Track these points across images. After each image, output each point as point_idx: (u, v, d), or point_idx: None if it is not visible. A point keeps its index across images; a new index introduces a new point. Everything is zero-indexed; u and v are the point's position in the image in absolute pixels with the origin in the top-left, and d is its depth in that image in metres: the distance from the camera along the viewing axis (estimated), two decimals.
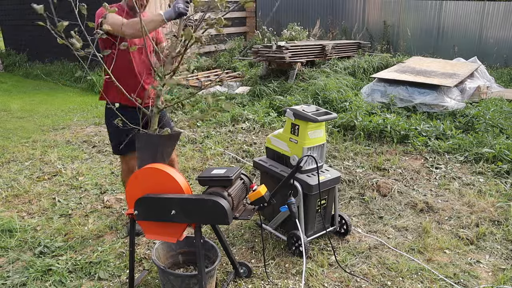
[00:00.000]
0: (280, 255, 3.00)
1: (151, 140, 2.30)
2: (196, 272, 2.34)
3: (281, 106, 6.45)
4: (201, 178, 2.29)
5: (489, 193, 3.88)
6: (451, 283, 2.69)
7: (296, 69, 7.93)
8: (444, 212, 3.60)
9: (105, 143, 5.38)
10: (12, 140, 5.51)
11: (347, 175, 4.28)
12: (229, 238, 3.24)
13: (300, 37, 10.03)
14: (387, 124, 5.33)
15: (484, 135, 5.00)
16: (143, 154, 2.32)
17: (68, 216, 3.55)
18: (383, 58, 8.58)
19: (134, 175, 2.27)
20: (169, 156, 2.42)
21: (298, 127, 2.94)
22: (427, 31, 11.03)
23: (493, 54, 10.11)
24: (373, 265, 2.90)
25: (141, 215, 2.23)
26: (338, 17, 12.23)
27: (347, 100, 6.32)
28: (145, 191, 2.23)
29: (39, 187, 4.11)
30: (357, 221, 3.51)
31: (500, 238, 3.22)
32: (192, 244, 2.60)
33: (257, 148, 5.10)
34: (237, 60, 10.33)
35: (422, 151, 4.88)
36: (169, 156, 2.42)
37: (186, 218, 2.18)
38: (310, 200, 2.94)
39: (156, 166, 2.24)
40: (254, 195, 2.36)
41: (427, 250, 3.05)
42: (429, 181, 4.21)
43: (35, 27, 11.64)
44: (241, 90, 8.03)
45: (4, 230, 3.24)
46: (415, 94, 6.38)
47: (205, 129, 5.88)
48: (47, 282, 2.68)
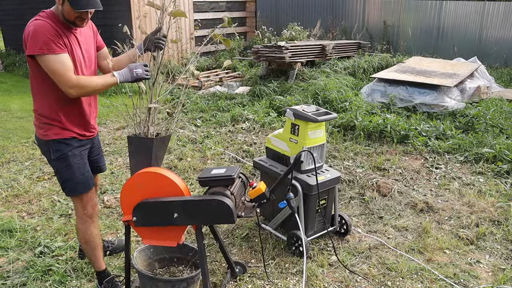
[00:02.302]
0: (280, 255, 3.00)
1: (145, 144, 2.27)
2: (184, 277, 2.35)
3: (281, 106, 6.45)
4: (201, 178, 2.28)
5: (489, 193, 3.88)
6: (451, 283, 2.69)
7: (296, 69, 7.93)
8: (444, 212, 3.60)
9: (105, 143, 5.38)
10: (12, 140, 5.51)
11: (347, 175, 4.28)
12: (229, 238, 3.24)
13: (300, 37, 10.03)
14: (387, 124, 5.33)
15: (484, 135, 5.00)
16: (137, 159, 2.28)
17: (68, 216, 3.55)
18: (383, 58, 8.59)
19: (129, 182, 2.22)
20: (162, 159, 2.39)
21: (298, 127, 2.94)
22: (427, 31, 11.03)
23: (493, 54, 10.11)
24: (373, 265, 2.90)
25: (141, 221, 2.21)
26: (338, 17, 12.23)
27: (347, 100, 6.32)
28: (142, 197, 2.19)
29: (39, 187, 4.11)
30: (357, 221, 3.51)
31: (500, 238, 3.22)
32: (168, 250, 2.58)
33: (257, 148, 5.10)
34: (237, 60, 10.33)
35: (422, 151, 4.88)
36: (162, 159, 2.39)
37: (189, 220, 2.17)
38: (310, 200, 2.94)
39: (153, 170, 2.21)
40: (254, 192, 2.37)
41: (427, 250, 3.05)
42: (429, 181, 4.21)
43: None
44: (241, 90, 8.03)
45: (4, 230, 3.24)
46: (415, 94, 6.38)
47: (205, 129, 5.88)
48: (47, 282, 2.68)
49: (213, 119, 6.28)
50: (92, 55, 2.46)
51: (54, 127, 2.33)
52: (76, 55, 2.30)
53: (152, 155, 2.25)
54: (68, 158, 2.36)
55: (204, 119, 6.33)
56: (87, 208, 2.49)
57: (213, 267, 2.85)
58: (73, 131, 2.37)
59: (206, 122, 6.21)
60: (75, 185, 2.42)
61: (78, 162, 2.40)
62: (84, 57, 2.37)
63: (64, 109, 2.33)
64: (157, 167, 2.27)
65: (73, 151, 2.38)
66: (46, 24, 2.19)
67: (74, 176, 2.40)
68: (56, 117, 2.32)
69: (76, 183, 2.41)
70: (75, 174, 2.40)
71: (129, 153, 2.31)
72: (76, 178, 2.40)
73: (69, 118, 2.35)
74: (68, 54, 2.22)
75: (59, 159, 2.36)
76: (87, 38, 2.42)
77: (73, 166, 2.39)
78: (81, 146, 2.43)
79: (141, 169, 2.24)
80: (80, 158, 2.42)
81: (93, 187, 2.53)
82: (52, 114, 2.32)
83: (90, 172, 2.50)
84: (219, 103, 6.96)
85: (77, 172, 2.40)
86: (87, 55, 2.40)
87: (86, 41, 2.41)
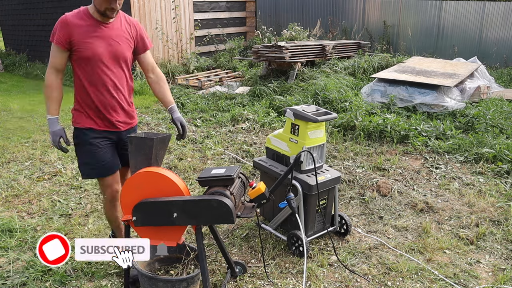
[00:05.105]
0: (280, 255, 3.00)
1: (145, 144, 2.28)
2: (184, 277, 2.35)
3: (281, 106, 6.45)
4: (201, 178, 2.28)
5: (489, 193, 3.88)
6: (451, 283, 2.69)
7: (296, 69, 7.93)
8: (444, 212, 3.60)
9: None
10: (12, 140, 5.51)
11: (347, 175, 4.28)
12: (229, 238, 3.24)
13: (300, 37, 10.04)
14: (387, 124, 5.33)
15: (484, 135, 5.00)
16: (137, 159, 2.29)
17: (68, 216, 3.55)
18: (383, 58, 8.59)
19: (128, 181, 2.23)
20: (162, 159, 2.40)
21: (298, 127, 2.94)
22: (427, 31, 11.04)
23: (493, 54, 10.11)
24: (373, 265, 2.90)
25: (140, 220, 2.21)
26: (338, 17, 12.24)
27: (347, 100, 6.32)
28: (142, 196, 2.19)
29: (39, 187, 4.11)
30: (357, 221, 3.51)
31: (500, 238, 3.22)
32: (168, 250, 2.56)
33: (257, 148, 5.10)
34: (237, 60, 10.34)
35: (422, 151, 4.88)
36: (162, 159, 2.40)
37: (189, 220, 2.17)
38: (310, 200, 2.94)
39: (152, 169, 2.21)
40: (254, 192, 2.36)
41: (427, 250, 3.05)
42: (429, 181, 4.21)
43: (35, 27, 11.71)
44: (241, 90, 8.03)
45: (4, 230, 3.24)
46: (415, 94, 6.38)
47: (205, 129, 5.88)
48: (47, 282, 2.68)
49: (213, 119, 6.28)
50: (121, 52, 2.53)
51: (77, 115, 2.57)
52: (94, 49, 2.43)
53: (152, 155, 2.25)
54: (84, 145, 2.55)
55: (204, 119, 6.33)
56: (106, 193, 2.68)
57: (213, 267, 2.85)
58: (90, 122, 2.55)
59: (206, 122, 6.21)
60: (88, 170, 2.59)
61: (94, 150, 2.54)
62: (108, 51, 2.47)
63: (84, 102, 2.53)
64: (157, 167, 2.27)
65: (90, 140, 2.53)
66: (63, 16, 2.41)
67: (87, 161, 2.57)
68: (78, 107, 2.57)
69: (90, 168, 2.58)
70: (89, 160, 2.56)
71: (129, 153, 2.31)
72: (89, 164, 2.57)
73: (87, 110, 2.54)
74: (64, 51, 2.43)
75: (76, 145, 2.59)
76: (117, 35, 2.51)
77: (87, 153, 2.55)
78: (99, 136, 2.56)
79: (141, 169, 2.24)
80: (96, 147, 2.55)
81: (113, 176, 2.64)
82: (76, 104, 2.58)
83: (111, 162, 2.60)
84: (219, 103, 6.96)
85: (92, 159, 2.55)
86: (112, 50, 2.48)
87: (115, 37, 2.50)
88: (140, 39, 2.63)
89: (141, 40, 2.63)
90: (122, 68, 2.57)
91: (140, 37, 2.63)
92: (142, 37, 2.64)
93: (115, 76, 2.53)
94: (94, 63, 2.45)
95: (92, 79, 2.49)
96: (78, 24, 2.40)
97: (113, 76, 2.53)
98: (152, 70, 2.70)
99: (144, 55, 2.67)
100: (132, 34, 2.59)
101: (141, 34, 2.63)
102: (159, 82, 2.70)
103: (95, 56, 2.44)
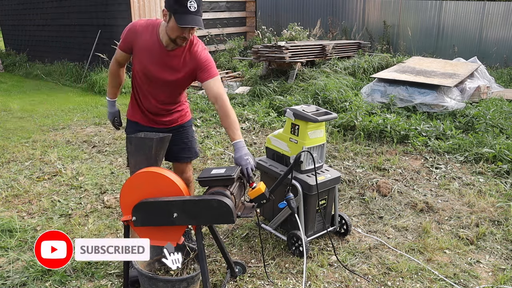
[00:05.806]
0: (280, 255, 3.00)
1: (145, 144, 2.27)
2: (184, 277, 2.34)
3: (281, 106, 6.45)
4: (201, 178, 2.28)
5: (489, 193, 3.88)
6: (451, 283, 2.69)
7: (296, 69, 7.93)
8: (444, 212, 3.60)
9: (105, 143, 5.38)
10: (12, 140, 5.51)
11: (347, 175, 4.28)
12: (229, 238, 3.24)
13: (300, 37, 10.04)
14: (387, 124, 5.33)
15: (484, 135, 5.00)
16: (137, 159, 2.29)
17: (68, 216, 3.55)
18: (383, 58, 8.59)
19: (128, 181, 2.22)
20: (162, 160, 2.40)
21: (298, 127, 2.94)
22: (427, 31, 11.04)
23: (493, 54, 10.11)
24: (373, 265, 2.90)
25: (140, 220, 2.21)
26: (338, 17, 12.25)
27: (347, 100, 6.32)
28: (142, 196, 2.19)
29: (39, 187, 4.11)
30: (357, 221, 3.51)
31: (500, 238, 3.22)
32: None
33: (257, 148, 5.10)
34: (237, 60, 10.34)
35: (422, 151, 4.88)
36: (162, 159, 2.40)
37: (189, 220, 2.17)
38: (310, 200, 2.94)
39: (152, 169, 2.21)
40: (254, 192, 2.36)
41: (427, 250, 3.06)
42: (429, 181, 4.21)
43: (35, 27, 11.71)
44: (241, 90, 8.03)
45: (4, 230, 3.23)
46: (415, 94, 6.38)
47: (205, 129, 5.88)
48: (47, 282, 2.68)
49: (213, 119, 6.28)
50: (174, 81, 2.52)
51: (128, 108, 2.75)
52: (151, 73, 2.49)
53: (152, 155, 2.25)
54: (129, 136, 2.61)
55: (204, 119, 6.33)
56: None
57: (213, 267, 2.85)
58: (135, 116, 2.72)
59: (206, 122, 6.21)
60: None
61: None
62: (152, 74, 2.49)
63: (135, 98, 2.69)
64: (157, 167, 2.27)
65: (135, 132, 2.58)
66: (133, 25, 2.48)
67: None
68: (131, 101, 2.74)
69: None
70: None
71: (129, 153, 2.31)
72: None
73: (136, 107, 2.70)
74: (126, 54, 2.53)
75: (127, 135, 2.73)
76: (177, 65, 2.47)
77: None
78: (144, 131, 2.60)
79: (141, 169, 2.24)
80: None
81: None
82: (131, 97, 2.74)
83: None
84: None
85: None
86: (158, 76, 2.49)
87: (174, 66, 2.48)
88: (199, 70, 2.46)
89: (201, 72, 2.46)
90: (176, 90, 2.63)
91: (200, 68, 2.46)
92: (202, 68, 2.45)
93: (166, 95, 2.62)
94: (148, 82, 2.54)
95: (143, 89, 2.60)
96: (144, 39, 2.42)
97: (164, 96, 2.60)
98: (215, 101, 2.43)
99: (205, 84, 2.46)
100: (191, 66, 2.47)
101: (201, 65, 2.45)
102: (222, 116, 2.43)
103: (150, 77, 2.51)
